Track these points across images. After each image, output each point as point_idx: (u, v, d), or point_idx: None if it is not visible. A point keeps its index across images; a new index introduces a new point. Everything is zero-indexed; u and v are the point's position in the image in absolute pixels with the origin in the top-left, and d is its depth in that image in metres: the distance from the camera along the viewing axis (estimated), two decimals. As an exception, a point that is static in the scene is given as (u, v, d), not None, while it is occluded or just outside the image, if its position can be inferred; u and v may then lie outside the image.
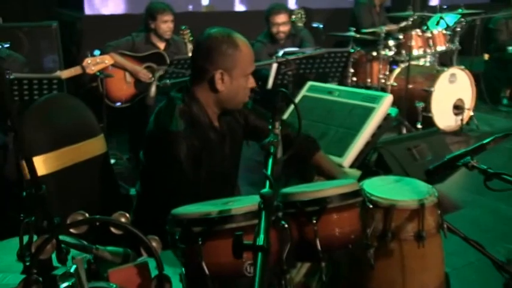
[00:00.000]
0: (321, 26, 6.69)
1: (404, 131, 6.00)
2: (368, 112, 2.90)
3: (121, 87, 5.19)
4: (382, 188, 2.03)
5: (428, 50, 6.67)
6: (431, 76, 6.27)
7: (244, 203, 1.60)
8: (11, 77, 3.49)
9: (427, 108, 6.17)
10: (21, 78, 3.57)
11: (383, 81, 6.49)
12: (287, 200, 1.75)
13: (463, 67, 6.43)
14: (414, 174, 3.81)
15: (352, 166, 2.83)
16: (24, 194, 1.50)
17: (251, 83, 2.29)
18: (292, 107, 3.25)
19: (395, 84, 6.50)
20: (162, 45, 5.34)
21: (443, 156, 4.67)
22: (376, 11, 7.03)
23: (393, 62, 6.63)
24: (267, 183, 1.38)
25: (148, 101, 3.77)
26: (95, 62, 4.22)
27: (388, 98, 2.92)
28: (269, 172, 1.44)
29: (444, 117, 6.31)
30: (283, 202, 1.71)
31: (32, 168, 1.54)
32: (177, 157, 2.13)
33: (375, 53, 6.46)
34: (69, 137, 2.68)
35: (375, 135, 2.94)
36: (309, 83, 3.33)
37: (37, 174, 1.56)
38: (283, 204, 1.70)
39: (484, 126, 6.75)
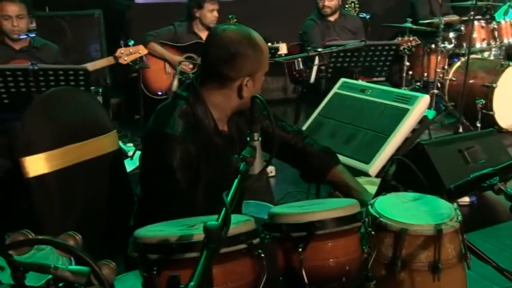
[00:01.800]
0: (368, 16, 6.33)
1: (461, 129, 5.58)
2: (401, 114, 2.62)
3: (161, 78, 5.06)
4: (396, 208, 1.75)
5: (492, 43, 6.20)
6: (495, 71, 5.79)
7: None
8: (35, 68, 3.40)
9: (488, 106, 5.71)
10: (46, 69, 3.48)
11: (441, 75, 6.09)
12: (273, 221, 1.52)
13: (530, 61, 5.91)
14: (465, 178, 3.50)
15: (379, 175, 2.55)
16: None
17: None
18: (324, 103, 3.01)
19: (454, 79, 6.06)
20: (204, 35, 5.17)
21: (499, 159, 4.32)
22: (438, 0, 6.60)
23: (453, 55, 6.20)
24: (222, 212, 1.15)
25: (169, 96, 3.61)
26: (128, 52, 4.10)
27: (425, 99, 2.62)
28: (229, 198, 1.20)
29: (507, 116, 5.83)
30: (269, 224, 1.49)
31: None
32: (169, 164, 1.93)
33: (433, 46, 6.06)
34: (75, 134, 2.53)
35: (408, 140, 2.65)
36: (342, 80, 3.07)
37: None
38: (270, 226, 1.48)
39: (552, 126, 6.22)
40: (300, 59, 4.73)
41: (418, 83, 6.39)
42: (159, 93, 5.07)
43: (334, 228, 1.46)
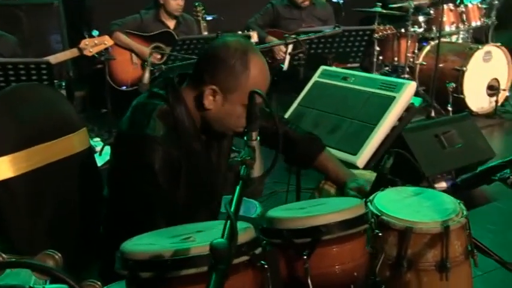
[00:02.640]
0: (341, 1, 6.23)
1: (433, 113, 5.55)
2: (387, 102, 2.50)
3: (127, 70, 4.86)
4: (398, 204, 1.64)
5: (461, 26, 6.17)
6: (464, 54, 5.77)
7: (210, 238, 1.23)
8: (-8, 61, 3.18)
9: (459, 89, 5.69)
10: (5, 63, 3.26)
11: (411, 60, 6.04)
12: (273, 226, 1.38)
13: (499, 44, 5.90)
14: (444, 163, 3.43)
15: (367, 166, 2.45)
16: None
17: None
18: (304, 92, 2.88)
19: (424, 63, 6.04)
20: (171, 24, 4.99)
21: (475, 143, 4.27)
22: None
23: (423, 39, 6.15)
24: (227, 226, 1.01)
25: (141, 89, 3.44)
26: (93, 43, 3.88)
27: (411, 86, 2.52)
28: (233, 208, 1.06)
29: (477, 99, 5.83)
30: (269, 229, 1.35)
31: None
32: (150, 168, 1.76)
33: (403, 30, 6.00)
34: (42, 133, 2.34)
35: (395, 129, 2.55)
36: (322, 68, 2.94)
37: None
38: (270, 232, 1.34)
39: (520, 108, 6.26)
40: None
41: (387, 68, 6.33)
42: (123, 87, 4.87)
43: (341, 232, 1.34)
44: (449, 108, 5.64)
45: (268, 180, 3.66)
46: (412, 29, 5.93)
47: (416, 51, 6.06)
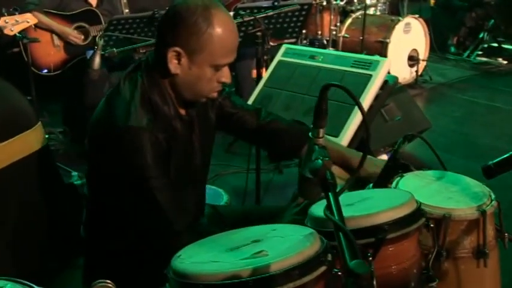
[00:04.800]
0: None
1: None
2: (364, 80, 2.45)
3: (48, 52, 4.47)
4: (425, 190, 1.59)
5: (380, -2, 6.30)
6: (386, 26, 5.89)
7: (281, 249, 1.10)
8: None
9: (383, 61, 5.80)
10: None
11: (334, 33, 6.08)
12: (327, 227, 1.28)
13: (417, 16, 6.08)
14: (386, 137, 3.48)
15: (349, 147, 2.39)
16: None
17: (224, 77, 1.72)
18: (269, 73, 2.76)
19: (347, 35, 6.10)
20: (94, 1, 4.63)
21: (412, 114, 4.36)
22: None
23: (344, 12, 6.20)
24: (342, 239, 0.89)
25: (92, 75, 3.17)
26: (14, 21, 3.52)
27: (387, 63, 2.48)
28: (337, 217, 0.94)
29: (399, 70, 5.98)
30: (324, 231, 1.24)
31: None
32: (143, 162, 1.61)
33: (325, 3, 6.01)
34: (-3, 132, 2.10)
35: (373, 108, 2.51)
36: (285, 46, 2.84)
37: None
38: (326, 234, 1.24)
39: (437, 76, 6.53)
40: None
41: (305, 41, 6.33)
42: (44, 71, 4.49)
43: (404, 230, 1.26)
44: (375, 80, 5.74)
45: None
46: (334, 2, 5.95)
47: (338, 24, 6.11)
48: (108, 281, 1.24)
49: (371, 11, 6.44)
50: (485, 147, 4.68)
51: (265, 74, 2.78)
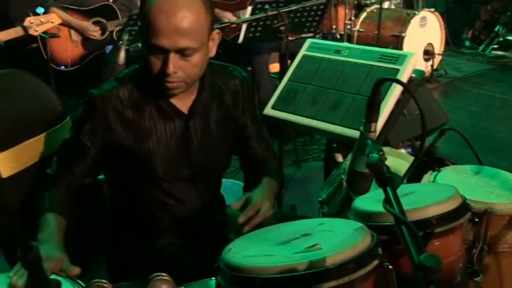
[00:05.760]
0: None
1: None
2: (391, 75, 2.43)
3: (66, 48, 4.50)
4: (465, 185, 1.59)
5: (395, -8, 6.27)
6: (402, 20, 5.86)
7: (334, 243, 1.10)
8: None
9: (399, 55, 5.78)
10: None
11: (348, 27, 6.06)
12: (372, 221, 1.28)
13: (433, 9, 6.05)
14: (405, 131, 3.46)
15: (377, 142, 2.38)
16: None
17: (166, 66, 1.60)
18: (294, 67, 2.75)
19: (362, 30, 6.08)
20: (111, -4, 4.65)
21: (431, 108, 4.35)
22: None
23: (359, 6, 6.18)
24: (405, 232, 0.89)
25: (116, 70, 3.17)
26: (39, 22, 3.54)
27: (414, 58, 2.47)
28: (397, 209, 0.93)
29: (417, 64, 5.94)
30: (370, 225, 1.24)
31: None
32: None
33: (340, -3, 6.01)
34: (28, 127, 2.10)
35: (400, 103, 2.49)
36: (309, 40, 2.82)
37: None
38: (373, 228, 1.23)
39: (452, 71, 6.50)
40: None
41: (318, 36, 6.31)
42: (61, 67, 4.51)
43: (451, 224, 1.26)
44: (390, 75, 5.72)
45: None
46: (349, -4, 5.94)
47: (353, 18, 6.09)
48: (104, 281, 1.25)
49: (386, 4, 6.41)
50: (503, 141, 4.67)
51: (290, 69, 2.77)
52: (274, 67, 4.84)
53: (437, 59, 6.15)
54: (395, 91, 2.44)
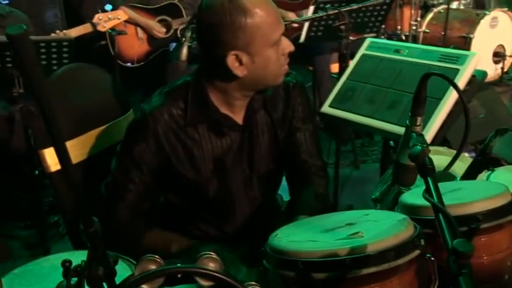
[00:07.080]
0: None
1: (442, 83, 5.48)
2: (451, 75, 2.38)
3: (132, 45, 4.65)
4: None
5: (464, -8, 6.11)
6: (470, 21, 5.71)
7: (376, 232, 1.12)
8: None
9: (466, 57, 5.63)
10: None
11: (414, 28, 5.96)
12: (417, 214, 1.28)
13: (506, 9, 5.84)
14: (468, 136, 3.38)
15: (433, 142, 2.35)
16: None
17: (285, 47, 1.67)
18: (353, 66, 2.75)
19: (427, 30, 5.95)
20: (178, -7, 4.78)
21: (496, 112, 4.22)
22: None
23: (426, 7, 6.07)
24: (442, 221, 0.90)
25: (179, 66, 3.27)
26: (107, 18, 3.69)
27: (476, 57, 2.42)
28: (436, 199, 0.94)
29: (483, 66, 5.74)
30: (414, 219, 1.25)
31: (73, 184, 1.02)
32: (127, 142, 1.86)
33: (406, -3, 5.92)
34: (94, 118, 2.21)
35: (459, 103, 2.45)
36: (369, 40, 2.81)
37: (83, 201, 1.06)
38: (417, 222, 1.23)
39: (524, 74, 6.27)
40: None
41: (383, 36, 6.23)
42: (128, 64, 4.67)
43: (498, 220, 1.25)
44: (456, 77, 5.58)
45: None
46: (415, -3, 5.85)
47: (419, 18, 5.98)
48: (156, 256, 1.24)
49: (454, 5, 6.26)
50: None
51: (349, 68, 2.77)
52: (336, 67, 4.83)
53: (508, 61, 5.94)
54: (454, 92, 2.40)
